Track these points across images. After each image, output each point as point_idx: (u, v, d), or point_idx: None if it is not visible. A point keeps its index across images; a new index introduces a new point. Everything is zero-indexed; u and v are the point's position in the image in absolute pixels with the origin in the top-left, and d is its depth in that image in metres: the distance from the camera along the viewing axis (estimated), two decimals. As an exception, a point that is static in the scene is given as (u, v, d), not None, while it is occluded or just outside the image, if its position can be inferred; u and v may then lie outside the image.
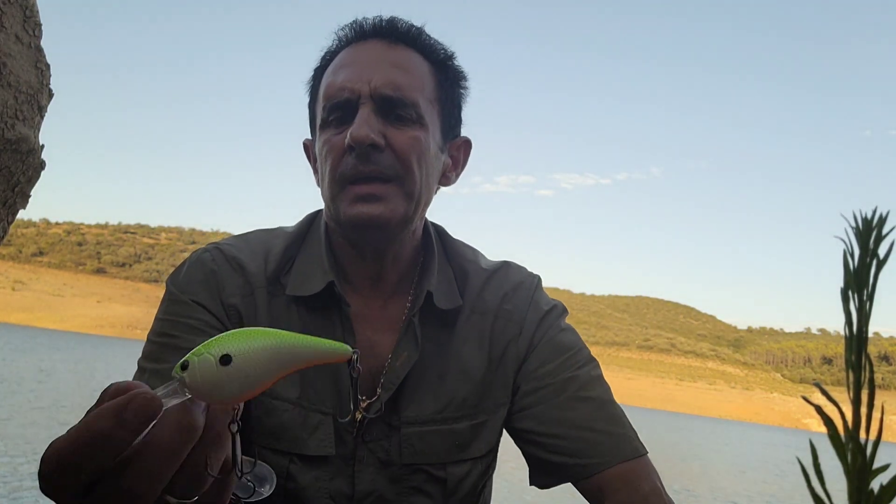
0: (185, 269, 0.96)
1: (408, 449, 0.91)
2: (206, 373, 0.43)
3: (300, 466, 0.89)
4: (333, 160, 0.89)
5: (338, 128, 0.90)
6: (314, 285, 0.93)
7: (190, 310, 0.91)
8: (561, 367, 0.96)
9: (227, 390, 0.43)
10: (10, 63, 0.90)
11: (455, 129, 1.01)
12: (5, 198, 0.97)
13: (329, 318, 0.93)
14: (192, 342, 0.87)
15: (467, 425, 0.94)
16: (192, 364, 0.43)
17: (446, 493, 0.93)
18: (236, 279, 0.94)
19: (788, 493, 9.13)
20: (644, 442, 0.94)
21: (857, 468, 0.21)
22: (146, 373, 0.88)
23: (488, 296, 1.01)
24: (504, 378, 0.97)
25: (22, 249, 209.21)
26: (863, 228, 0.24)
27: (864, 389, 0.22)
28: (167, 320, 0.91)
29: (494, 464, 1.03)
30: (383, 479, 0.91)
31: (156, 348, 0.89)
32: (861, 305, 0.23)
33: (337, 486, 0.89)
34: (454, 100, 0.99)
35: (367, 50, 0.93)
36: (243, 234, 1.03)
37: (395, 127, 0.89)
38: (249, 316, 0.93)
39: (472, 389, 0.95)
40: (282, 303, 0.94)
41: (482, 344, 0.98)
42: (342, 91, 0.89)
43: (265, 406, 0.90)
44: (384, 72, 0.89)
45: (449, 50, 0.99)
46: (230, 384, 0.43)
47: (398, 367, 0.92)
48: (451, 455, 0.93)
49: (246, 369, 0.43)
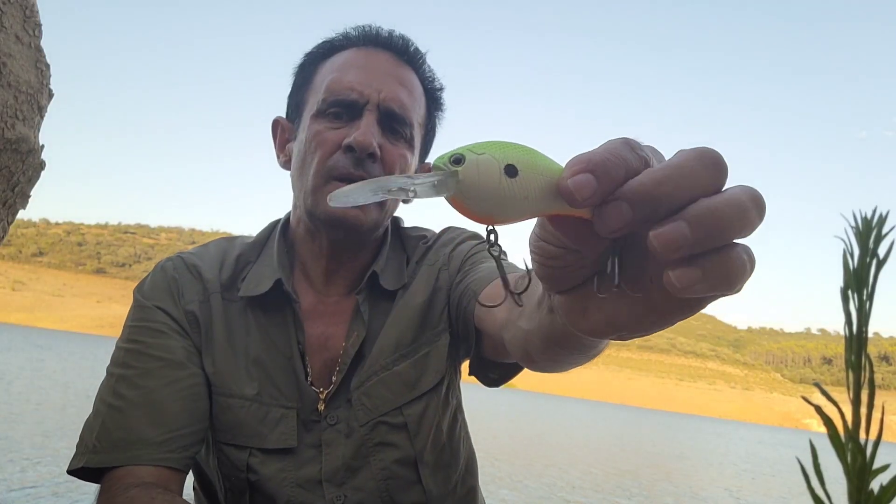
0: (150, 277, 1.01)
1: (361, 409, 0.94)
2: (485, 176, 0.34)
3: (261, 459, 0.92)
4: (324, 154, 0.91)
5: (333, 122, 0.92)
6: (263, 285, 0.96)
7: (154, 314, 0.94)
8: (475, 255, 0.99)
9: (503, 206, 0.34)
10: (10, 63, 0.90)
11: (427, 155, 1.08)
12: (5, 198, 0.97)
13: (283, 318, 0.97)
14: (157, 346, 0.92)
15: (408, 363, 0.96)
16: (469, 160, 0.34)
17: (410, 436, 0.95)
18: (195, 286, 0.98)
19: (793, 493, 9.13)
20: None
21: (857, 468, 0.21)
22: (114, 377, 0.90)
23: (433, 253, 1.05)
24: (440, 304, 0.99)
25: (22, 249, 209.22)
26: (863, 228, 0.24)
27: (864, 389, 0.22)
28: (134, 326, 0.94)
29: (455, 403, 1.03)
30: (349, 450, 0.93)
31: (123, 353, 0.92)
32: (861, 305, 0.23)
33: (305, 473, 0.92)
34: (434, 129, 1.07)
35: (379, 59, 0.97)
36: (206, 243, 1.07)
37: (389, 141, 0.94)
38: (206, 321, 0.96)
39: (405, 331, 0.98)
40: (237, 308, 0.98)
41: (427, 289, 1.00)
42: (351, 91, 0.92)
43: (220, 404, 0.93)
44: (393, 87, 0.94)
45: (441, 83, 1.05)
46: (508, 200, 0.34)
47: (349, 347, 0.96)
48: (403, 396, 0.95)
49: (527, 190, 0.34)
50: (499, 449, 9.28)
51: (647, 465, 10.38)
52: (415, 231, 1.09)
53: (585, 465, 9.07)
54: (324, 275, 0.99)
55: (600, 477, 7.87)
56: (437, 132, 1.08)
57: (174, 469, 0.85)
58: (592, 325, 0.39)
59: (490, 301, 0.81)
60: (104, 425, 0.86)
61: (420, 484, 0.95)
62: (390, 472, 0.94)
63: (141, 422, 0.85)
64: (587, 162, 0.32)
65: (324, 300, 0.99)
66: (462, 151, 0.35)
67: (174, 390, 0.89)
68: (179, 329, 0.94)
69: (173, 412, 0.87)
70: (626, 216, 0.32)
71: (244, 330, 0.96)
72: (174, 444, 0.86)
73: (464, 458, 1.03)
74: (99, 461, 0.84)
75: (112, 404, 0.87)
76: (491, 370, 0.96)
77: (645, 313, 0.36)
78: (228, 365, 0.94)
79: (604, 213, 0.33)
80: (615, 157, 0.33)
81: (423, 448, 0.95)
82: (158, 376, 0.89)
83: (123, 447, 0.84)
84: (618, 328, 0.37)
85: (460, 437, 1.03)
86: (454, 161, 0.35)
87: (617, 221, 0.32)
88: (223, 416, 0.93)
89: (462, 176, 0.34)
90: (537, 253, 0.39)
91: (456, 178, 0.34)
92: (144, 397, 0.87)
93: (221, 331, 0.95)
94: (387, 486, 0.93)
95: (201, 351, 0.95)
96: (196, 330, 0.95)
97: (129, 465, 0.84)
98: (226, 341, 0.95)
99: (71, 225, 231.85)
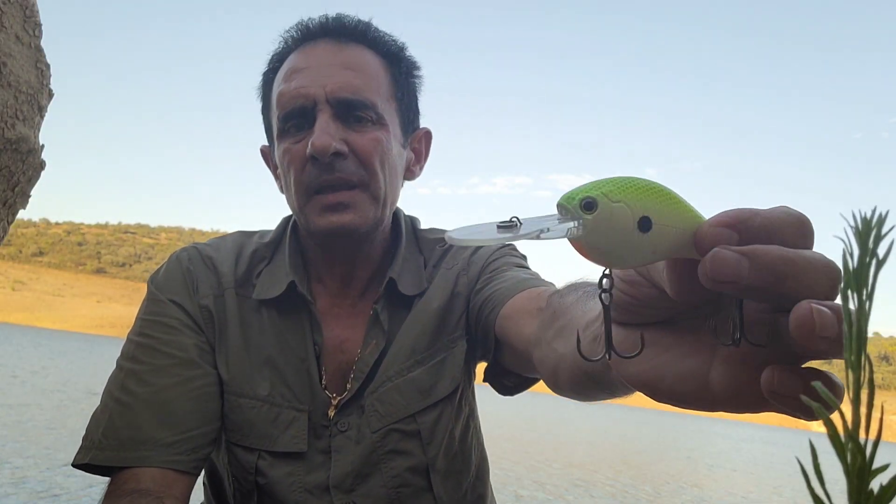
0: (164, 268, 0.97)
1: (374, 415, 0.91)
2: (616, 229, 0.31)
3: (270, 462, 0.89)
4: (296, 170, 0.88)
5: (296, 135, 0.88)
6: (278, 288, 0.93)
7: (167, 309, 0.91)
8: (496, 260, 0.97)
9: (627, 257, 0.32)
10: (10, 63, 0.90)
11: (414, 122, 1.00)
12: (5, 198, 0.97)
13: (298, 320, 0.94)
14: (169, 342, 0.89)
15: (423, 370, 0.93)
16: (602, 208, 0.31)
17: (423, 443, 0.92)
18: (211, 279, 0.95)
19: (798, 493, 9.13)
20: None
21: (857, 468, 0.21)
22: (123, 371, 0.88)
23: (450, 256, 1.01)
24: (458, 309, 0.96)
25: (22, 249, 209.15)
26: (862, 228, 0.24)
27: (864, 389, 0.22)
28: (146, 320, 0.91)
29: (468, 410, 1.01)
30: (358, 457, 0.90)
31: (134, 347, 0.90)
32: (860, 305, 0.23)
33: (314, 478, 0.90)
34: (410, 92, 0.98)
35: (317, 52, 0.90)
36: (224, 235, 1.04)
37: (355, 130, 0.88)
38: (220, 317, 0.93)
39: (420, 336, 0.95)
40: (252, 305, 0.95)
41: (444, 294, 0.97)
42: (296, 98, 0.87)
43: (230, 403, 0.90)
44: (338, 74, 0.87)
45: (399, 41, 0.96)
46: (636, 253, 0.32)
47: (367, 356, 0.93)
48: (417, 404, 0.92)
49: (658, 244, 0.32)
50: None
51: (666, 469, 10.37)
52: (432, 233, 1.05)
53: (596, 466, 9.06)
54: (338, 279, 0.96)
55: (622, 480, 7.86)
56: (418, 89, 1.00)
57: (182, 472, 0.83)
58: (636, 374, 0.36)
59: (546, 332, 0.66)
60: (111, 421, 0.84)
61: (431, 492, 0.92)
62: (402, 480, 0.91)
63: (150, 421, 0.83)
64: (736, 218, 0.30)
65: (339, 303, 0.97)
66: (595, 195, 0.31)
67: (185, 390, 0.86)
68: (193, 325, 0.92)
69: (184, 412, 0.85)
70: (741, 272, 0.29)
71: (258, 329, 0.94)
72: (184, 445, 0.83)
73: (475, 465, 1.01)
74: (105, 459, 0.82)
75: (120, 399, 0.85)
76: (507, 378, 0.94)
77: (703, 387, 0.33)
78: (241, 364, 0.92)
79: (718, 259, 0.30)
80: (775, 224, 0.30)
81: (436, 456, 0.93)
82: (169, 374, 0.86)
83: (131, 447, 0.82)
84: (660, 391, 0.35)
85: (472, 444, 1.01)
86: (585, 206, 0.31)
87: (728, 273, 0.29)
88: (233, 415, 0.90)
89: (592, 226, 0.31)
90: (623, 280, 0.37)
91: (586, 227, 0.31)
92: (154, 395, 0.85)
93: (236, 328, 0.93)
94: (398, 493, 0.91)
95: (214, 348, 0.92)
96: (210, 325, 0.92)
97: (135, 466, 0.81)
98: (240, 339, 0.93)
99: (71, 225, 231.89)
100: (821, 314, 0.27)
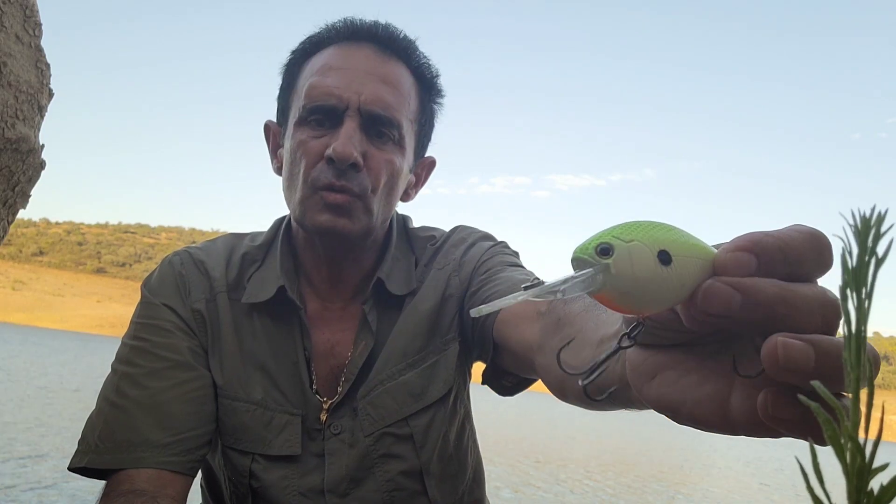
0: (157, 272, 0.97)
1: (366, 419, 0.91)
2: (640, 267, 0.30)
3: (263, 465, 0.89)
4: (307, 165, 0.87)
5: (316, 130, 0.88)
6: (267, 292, 0.93)
7: (160, 312, 0.92)
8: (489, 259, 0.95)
9: (659, 297, 0.31)
10: (10, 63, 0.90)
11: (426, 149, 1.01)
12: (5, 198, 0.97)
13: (288, 324, 0.94)
14: (163, 345, 0.89)
15: (414, 373, 0.93)
16: (619, 250, 0.31)
17: (416, 447, 0.92)
18: (203, 282, 0.95)
19: (798, 493, 9.12)
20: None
21: (857, 468, 0.21)
22: (118, 375, 0.88)
23: (442, 256, 1.00)
24: (451, 311, 0.95)
25: (22, 249, 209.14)
26: (861, 227, 0.24)
27: (864, 389, 0.22)
28: (140, 323, 0.92)
29: (463, 412, 1.00)
30: (353, 461, 0.90)
31: (128, 351, 0.90)
32: (860, 304, 0.23)
33: (308, 482, 0.90)
34: (431, 120, 1.00)
35: (358, 56, 0.90)
36: (214, 239, 1.04)
37: (375, 146, 0.88)
38: (213, 321, 0.93)
39: (412, 338, 0.94)
40: (244, 309, 0.95)
41: (436, 295, 0.96)
42: (329, 97, 0.87)
43: (225, 407, 0.91)
44: (375, 86, 0.87)
45: (435, 69, 0.97)
46: (666, 291, 0.31)
47: (356, 357, 0.93)
48: (409, 407, 0.92)
49: (683, 276, 0.31)
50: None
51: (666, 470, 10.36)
52: (423, 231, 1.05)
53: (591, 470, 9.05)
54: (327, 281, 0.96)
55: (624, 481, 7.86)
56: (437, 117, 1.01)
57: (178, 473, 0.83)
58: (656, 396, 0.35)
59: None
60: (107, 424, 0.84)
61: (426, 495, 0.92)
62: (396, 484, 0.91)
63: (145, 423, 0.83)
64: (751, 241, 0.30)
65: (329, 306, 0.97)
66: (607, 239, 0.31)
67: (180, 392, 0.86)
68: (186, 328, 0.92)
69: (179, 414, 0.85)
70: (732, 306, 0.29)
71: (250, 333, 0.94)
72: (179, 446, 0.84)
73: (471, 468, 1.00)
74: (101, 462, 0.82)
75: (115, 403, 0.86)
76: (505, 378, 0.93)
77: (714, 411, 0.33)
78: (235, 367, 0.92)
79: (709, 292, 0.29)
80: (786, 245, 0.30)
81: (430, 459, 0.92)
82: (164, 377, 0.87)
83: (126, 449, 0.82)
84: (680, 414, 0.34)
85: (468, 447, 1.00)
86: (601, 252, 0.31)
87: (718, 307, 0.29)
88: (228, 419, 0.91)
89: (614, 269, 0.30)
90: None
91: (607, 272, 0.30)
92: (149, 398, 0.85)
93: (229, 332, 0.93)
94: (392, 497, 0.91)
95: (207, 351, 0.92)
96: (203, 329, 0.93)
97: (131, 467, 0.82)
98: (233, 343, 0.93)
99: (71, 224, 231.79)
100: (786, 348, 0.27)
